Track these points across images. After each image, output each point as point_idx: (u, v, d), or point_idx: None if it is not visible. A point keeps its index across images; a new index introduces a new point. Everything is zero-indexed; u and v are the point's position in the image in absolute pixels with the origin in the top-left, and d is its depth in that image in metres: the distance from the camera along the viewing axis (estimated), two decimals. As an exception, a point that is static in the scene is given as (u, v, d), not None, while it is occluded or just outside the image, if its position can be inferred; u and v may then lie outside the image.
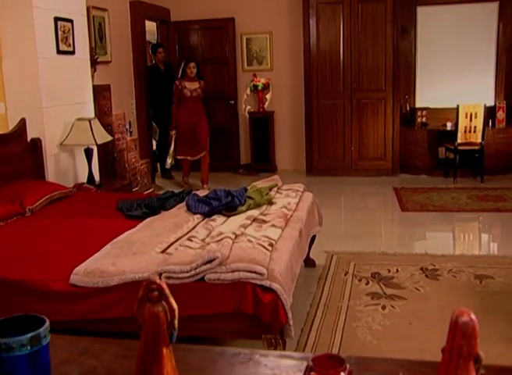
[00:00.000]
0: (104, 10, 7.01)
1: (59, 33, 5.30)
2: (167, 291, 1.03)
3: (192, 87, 7.61)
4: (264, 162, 9.04)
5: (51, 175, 5.20)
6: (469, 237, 6.02)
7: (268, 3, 8.79)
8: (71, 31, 5.48)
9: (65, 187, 4.94)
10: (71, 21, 5.47)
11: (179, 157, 7.84)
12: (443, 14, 8.35)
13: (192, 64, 7.59)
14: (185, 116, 7.64)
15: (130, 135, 7.30)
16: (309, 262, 4.61)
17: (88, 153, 5.47)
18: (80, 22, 5.66)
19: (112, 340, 1.47)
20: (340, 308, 3.89)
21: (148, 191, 7.28)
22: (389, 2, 8.01)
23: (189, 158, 7.82)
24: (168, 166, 7.89)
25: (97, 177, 5.70)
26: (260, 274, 2.76)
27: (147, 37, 8.88)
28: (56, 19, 5.24)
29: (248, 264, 2.78)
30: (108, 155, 6.46)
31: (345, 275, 4.51)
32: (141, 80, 8.21)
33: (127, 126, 7.21)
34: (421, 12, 8.39)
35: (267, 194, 4.26)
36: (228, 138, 9.12)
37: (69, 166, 5.52)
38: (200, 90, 7.69)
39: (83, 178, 5.57)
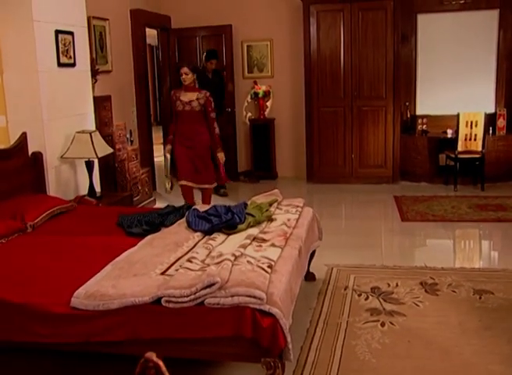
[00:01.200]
0: (105, 20, 7.05)
1: (60, 45, 5.33)
2: (163, 368, 1.05)
3: (186, 98, 6.07)
4: (264, 169, 9.09)
5: (52, 188, 5.23)
6: (469, 248, 6.03)
7: (269, 11, 8.82)
8: (72, 43, 5.51)
9: (65, 201, 4.97)
10: (72, 33, 5.50)
11: (180, 182, 6.31)
12: (444, 21, 8.36)
13: (184, 69, 6.03)
14: (179, 136, 6.20)
15: (131, 144, 7.33)
16: (309, 276, 4.63)
17: (89, 165, 5.50)
18: (80, 34, 5.69)
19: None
20: (340, 325, 3.91)
21: (149, 200, 7.32)
22: (389, 10, 8.04)
23: (190, 184, 6.30)
24: (167, 191, 6.55)
25: (98, 189, 5.73)
26: (259, 299, 2.78)
27: (148, 41, 8.89)
28: (57, 32, 5.27)
29: (247, 288, 2.81)
30: (109, 165, 6.49)
31: (345, 290, 4.53)
32: (142, 88, 8.25)
33: (128, 136, 7.24)
34: (422, 19, 8.40)
35: (267, 210, 4.29)
36: (225, 146, 9.09)
37: (70, 179, 5.55)
38: (198, 103, 6.05)
39: (84, 190, 5.60)
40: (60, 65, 5.36)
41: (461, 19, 8.31)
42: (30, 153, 5.08)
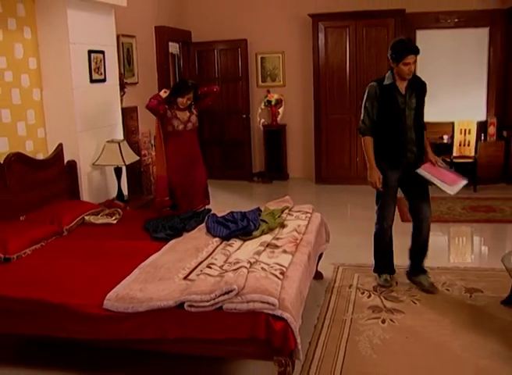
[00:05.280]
0: (132, 37, 7.09)
1: (92, 64, 5.39)
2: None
3: (184, 116, 5.18)
4: (276, 170, 9.15)
5: (85, 193, 5.31)
6: (462, 248, 6.01)
7: (281, 26, 8.84)
8: (102, 61, 5.57)
9: (97, 205, 5.06)
10: (103, 52, 5.56)
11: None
12: (440, 37, 8.36)
13: (189, 95, 5.09)
14: (177, 159, 5.18)
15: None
16: (317, 275, 4.66)
17: (118, 171, 5.57)
18: (110, 52, 5.75)
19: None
20: (345, 321, 3.97)
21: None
22: (390, 27, 8.05)
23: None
24: None
25: (125, 193, 5.81)
26: (272, 305, 2.85)
27: (170, 50, 8.89)
28: (90, 52, 5.33)
29: (261, 295, 2.87)
30: (135, 169, 6.53)
31: (349, 288, 4.58)
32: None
33: (152, 141, 7.29)
34: (420, 35, 8.38)
35: (279, 216, 4.34)
36: (241, 149, 9.22)
37: (100, 184, 5.62)
38: (196, 118, 5.29)
39: (113, 194, 5.68)
40: (92, 81, 5.42)
41: (456, 35, 8.32)
42: (65, 162, 5.16)
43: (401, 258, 5.28)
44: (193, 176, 5.32)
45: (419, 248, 4.58)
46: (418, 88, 4.37)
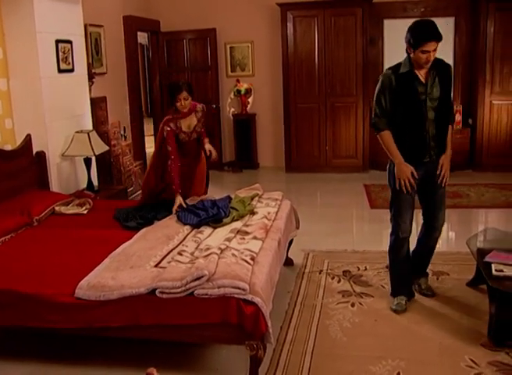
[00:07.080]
0: (100, 26, 7.03)
1: (60, 54, 5.34)
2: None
3: (188, 128, 4.75)
4: (247, 159, 9.16)
5: (54, 183, 5.27)
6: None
7: (250, 15, 8.82)
8: (70, 51, 5.51)
9: (67, 195, 5.03)
10: (70, 42, 5.50)
11: None
12: (407, 26, 8.36)
13: (183, 94, 4.51)
14: (180, 162, 4.73)
15: (125, 140, 7.35)
16: (288, 262, 4.70)
17: (87, 162, 5.54)
18: (78, 42, 5.69)
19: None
20: (315, 306, 4.02)
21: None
22: (358, 16, 8.10)
23: None
24: None
25: (95, 183, 5.78)
26: (243, 290, 2.88)
27: (139, 40, 8.82)
28: (57, 42, 5.27)
29: (232, 280, 2.90)
30: (105, 160, 6.50)
31: (319, 273, 4.63)
32: (134, 87, 8.23)
33: (122, 132, 7.27)
34: (388, 24, 8.46)
35: (249, 204, 4.37)
36: (211, 139, 9.14)
37: (70, 174, 5.58)
38: (201, 124, 4.89)
39: (83, 184, 5.64)
40: (60, 71, 5.37)
41: (423, 24, 8.37)
42: (34, 152, 5.12)
43: (371, 244, 5.38)
44: (194, 166, 5.23)
45: (425, 254, 4.17)
46: (442, 73, 3.74)
